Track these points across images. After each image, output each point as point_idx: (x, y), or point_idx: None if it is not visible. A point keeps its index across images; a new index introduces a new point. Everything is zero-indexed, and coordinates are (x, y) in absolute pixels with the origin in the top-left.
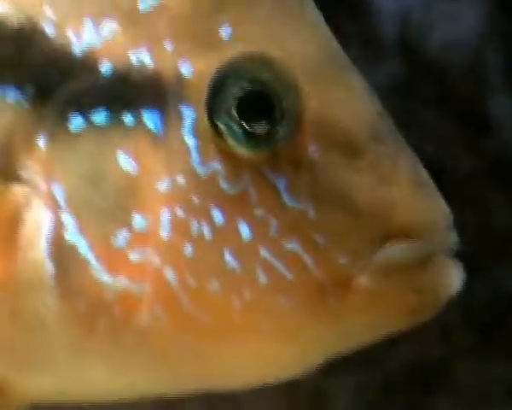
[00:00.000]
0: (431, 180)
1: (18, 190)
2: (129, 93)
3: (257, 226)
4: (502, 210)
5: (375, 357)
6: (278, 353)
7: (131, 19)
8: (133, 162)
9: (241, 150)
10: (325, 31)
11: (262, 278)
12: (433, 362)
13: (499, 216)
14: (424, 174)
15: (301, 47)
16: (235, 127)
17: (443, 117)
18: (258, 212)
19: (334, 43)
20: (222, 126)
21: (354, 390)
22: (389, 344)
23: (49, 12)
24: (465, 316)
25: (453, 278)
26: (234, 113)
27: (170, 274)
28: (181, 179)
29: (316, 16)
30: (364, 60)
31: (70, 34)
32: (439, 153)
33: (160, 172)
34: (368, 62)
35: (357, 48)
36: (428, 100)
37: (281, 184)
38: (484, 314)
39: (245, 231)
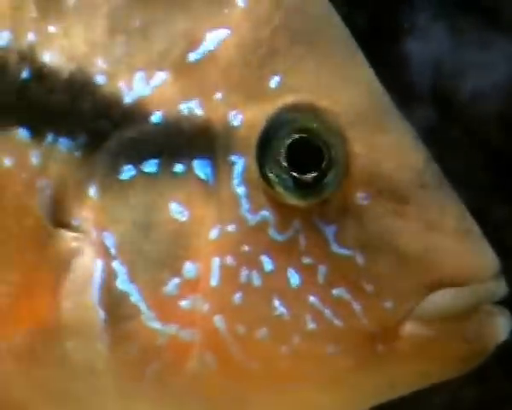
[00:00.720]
0: (478, 228)
1: (69, 237)
2: (179, 143)
3: (305, 273)
4: None
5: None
6: (325, 401)
7: (182, 69)
8: (184, 211)
9: (291, 199)
10: (372, 78)
11: (310, 325)
12: (467, 406)
13: None
14: (471, 221)
15: (348, 96)
16: (285, 177)
17: (475, 165)
18: (307, 259)
19: (381, 90)
20: (272, 176)
21: None
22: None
23: (100, 62)
24: (503, 362)
25: (501, 326)
26: (284, 162)
27: (219, 322)
28: (231, 228)
29: (363, 64)
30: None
31: (121, 84)
32: (472, 202)
33: (211, 221)
34: (400, 110)
35: (390, 94)
36: (460, 148)
37: (329, 231)
38: None
39: (294, 278)
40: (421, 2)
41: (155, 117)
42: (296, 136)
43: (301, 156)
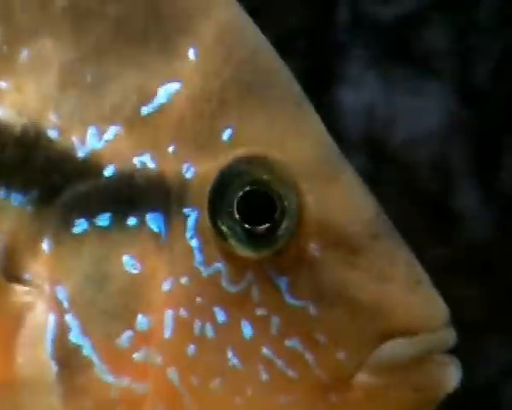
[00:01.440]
0: (428, 277)
1: (21, 292)
2: (132, 196)
3: (259, 325)
4: (475, 302)
5: None
6: None
7: (134, 123)
8: (137, 264)
9: (244, 251)
10: (322, 130)
11: (264, 376)
12: None
13: (473, 308)
14: (421, 271)
15: (300, 147)
16: (237, 229)
17: (410, 211)
18: (260, 311)
19: (331, 142)
20: (224, 228)
21: None
22: None
23: (53, 117)
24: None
25: (450, 375)
26: (236, 215)
27: (172, 374)
28: (184, 280)
29: (313, 116)
30: None
31: (74, 139)
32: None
33: (164, 274)
34: None
35: None
36: (395, 194)
37: (282, 282)
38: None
39: (247, 329)
40: (354, 51)
41: (108, 171)
42: (248, 188)
43: (254, 208)
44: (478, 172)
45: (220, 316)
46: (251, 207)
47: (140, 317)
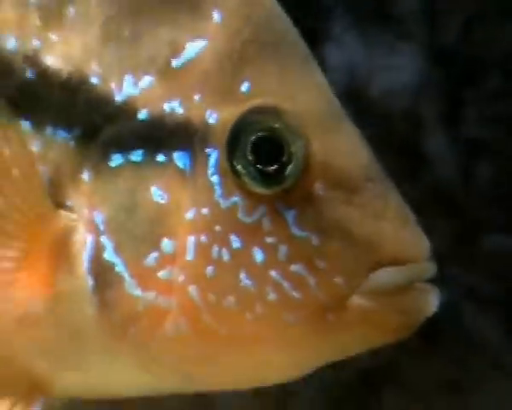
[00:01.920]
0: (414, 216)
1: (65, 216)
2: (162, 136)
3: (268, 251)
4: (439, 234)
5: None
6: (281, 360)
7: (166, 73)
8: (164, 195)
9: (256, 188)
10: (325, 84)
11: (271, 296)
12: (383, 364)
13: (437, 239)
14: (408, 211)
15: (307, 100)
16: (250, 168)
17: (386, 155)
18: (270, 239)
19: (334, 97)
20: (239, 168)
21: (318, 389)
22: None
23: (95, 66)
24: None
25: (430, 301)
26: (249, 156)
27: (193, 291)
28: (205, 211)
29: (318, 71)
30: None
31: (113, 85)
32: None
33: (187, 204)
34: None
35: None
36: (372, 140)
37: (290, 216)
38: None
39: (258, 255)
40: (337, 13)
41: (142, 114)
42: (260, 134)
43: (265, 151)
44: (444, 121)
45: (235, 243)
46: (262, 150)
47: (165, 241)
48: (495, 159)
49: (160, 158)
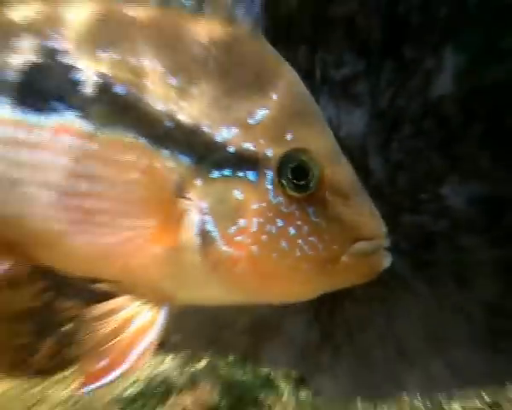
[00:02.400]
0: (377, 211)
1: (183, 203)
2: (241, 162)
3: (297, 229)
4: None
5: None
6: (304, 288)
7: (245, 127)
8: (241, 194)
9: (292, 193)
10: (331, 134)
11: (298, 253)
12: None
13: None
14: (374, 207)
15: (322, 144)
16: (290, 182)
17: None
18: (298, 222)
19: (335, 140)
20: (283, 181)
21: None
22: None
23: (206, 120)
24: None
25: (386, 260)
26: (289, 175)
27: (254, 248)
28: (263, 204)
29: (326, 125)
30: None
31: (216, 132)
32: None
33: (254, 200)
34: None
35: None
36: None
37: (310, 209)
38: None
39: (291, 230)
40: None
41: (231, 149)
42: (295, 163)
43: (298, 173)
44: (381, 150)
45: (279, 223)
46: (297, 172)
47: (241, 220)
48: (409, 172)
49: (240, 174)
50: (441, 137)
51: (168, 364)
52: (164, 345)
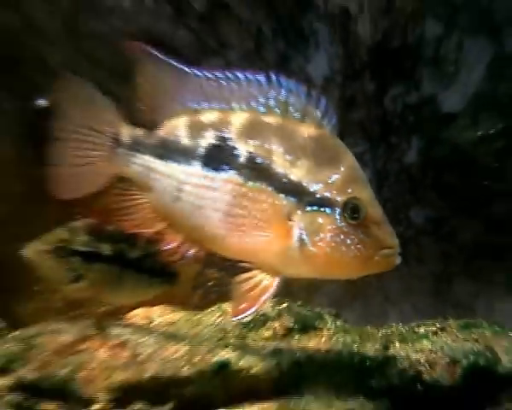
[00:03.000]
0: (394, 230)
1: (291, 224)
2: (323, 202)
3: (351, 241)
4: None
5: None
6: (353, 272)
7: (325, 183)
8: (322, 220)
9: (350, 221)
10: (370, 187)
11: (351, 254)
12: None
13: None
14: (392, 229)
15: (365, 194)
16: (349, 216)
17: None
18: (352, 237)
19: (373, 192)
20: (345, 215)
21: None
22: None
23: (305, 179)
24: None
25: (398, 259)
26: (349, 211)
27: (328, 250)
28: (333, 226)
29: (368, 182)
30: None
31: (308, 184)
32: None
33: (328, 224)
34: None
35: None
36: None
37: (359, 230)
38: None
39: (348, 241)
40: None
41: (318, 194)
42: (351, 204)
43: (354, 211)
44: None
45: (342, 237)
46: (354, 210)
47: (321, 234)
48: (392, 204)
49: (322, 209)
50: (410, 185)
51: (266, 305)
52: None
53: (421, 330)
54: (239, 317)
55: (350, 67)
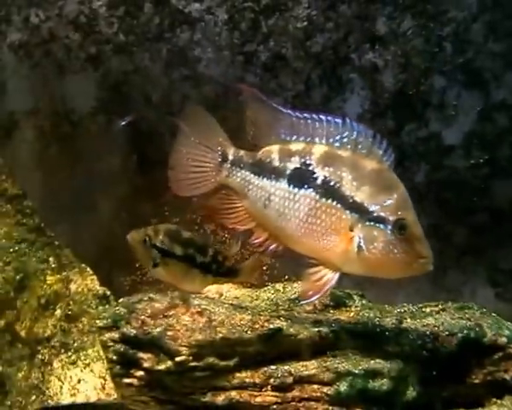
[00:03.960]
0: (428, 243)
1: (353, 234)
2: (379, 220)
3: (398, 250)
4: None
5: None
6: (398, 273)
7: (382, 205)
8: (377, 233)
9: (398, 236)
10: (413, 209)
11: (398, 260)
12: None
13: None
14: (427, 242)
15: (411, 215)
16: (397, 232)
17: None
18: (399, 248)
19: (413, 208)
20: (395, 230)
21: None
22: None
23: (366, 200)
24: None
25: (432, 267)
26: (398, 228)
27: (380, 256)
28: (386, 238)
29: (412, 205)
30: None
31: (369, 206)
32: None
33: (382, 236)
34: None
35: None
36: None
37: (404, 243)
38: None
39: (396, 251)
40: None
41: (375, 214)
42: (400, 223)
43: (402, 228)
44: None
45: (391, 247)
46: (401, 228)
47: (375, 244)
48: None
49: (377, 225)
50: (418, 199)
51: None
52: None
53: (427, 309)
54: (307, 301)
55: (376, 108)
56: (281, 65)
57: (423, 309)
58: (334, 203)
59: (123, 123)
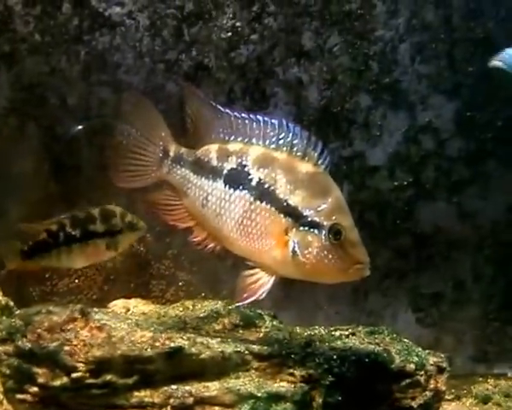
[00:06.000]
0: (365, 249)
1: (287, 237)
2: (313, 225)
3: (333, 256)
4: None
5: None
6: (332, 279)
7: (316, 210)
8: (311, 238)
9: (333, 241)
10: (350, 215)
11: (332, 266)
12: None
13: None
14: (364, 248)
15: (346, 221)
16: (332, 237)
17: None
18: (334, 253)
19: (351, 216)
20: (329, 236)
21: None
22: None
23: (300, 204)
24: None
25: (368, 272)
26: (332, 234)
27: (314, 261)
28: (320, 244)
29: (349, 211)
30: None
31: (303, 210)
32: None
33: (316, 242)
34: None
35: None
36: None
37: (338, 248)
38: None
39: (330, 256)
40: None
41: (309, 218)
42: (335, 228)
43: (336, 233)
44: None
45: (326, 252)
46: (335, 233)
47: (310, 249)
48: None
49: (311, 230)
50: None
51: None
52: None
53: (337, 333)
54: (240, 303)
55: (300, 124)
56: (203, 75)
57: (333, 332)
58: (269, 206)
59: (73, 132)
